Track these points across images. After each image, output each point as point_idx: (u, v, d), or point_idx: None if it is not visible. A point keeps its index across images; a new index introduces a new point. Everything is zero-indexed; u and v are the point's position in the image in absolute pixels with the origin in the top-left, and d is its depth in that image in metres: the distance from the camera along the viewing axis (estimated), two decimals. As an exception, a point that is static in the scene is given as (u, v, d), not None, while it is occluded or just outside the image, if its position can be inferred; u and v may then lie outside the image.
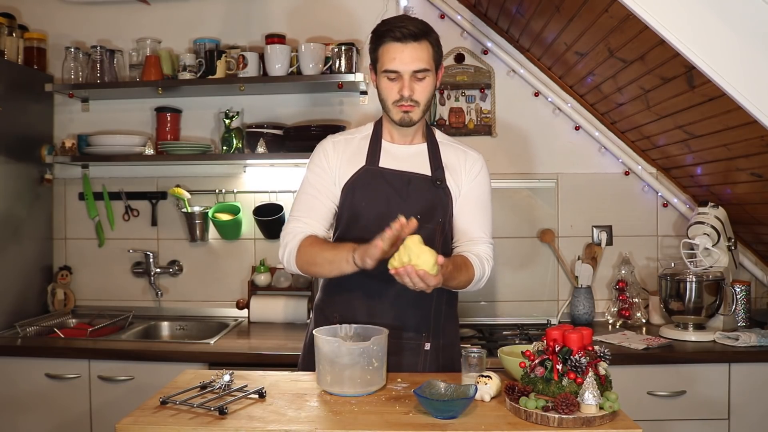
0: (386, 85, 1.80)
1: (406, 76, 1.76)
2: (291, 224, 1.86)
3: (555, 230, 3.00)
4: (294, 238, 1.82)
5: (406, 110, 1.79)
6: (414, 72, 1.76)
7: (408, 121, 1.81)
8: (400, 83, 1.77)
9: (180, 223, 3.08)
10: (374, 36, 1.81)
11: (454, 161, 1.90)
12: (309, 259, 1.78)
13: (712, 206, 2.66)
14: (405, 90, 1.76)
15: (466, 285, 1.81)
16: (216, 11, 3.05)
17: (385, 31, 1.77)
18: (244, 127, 2.97)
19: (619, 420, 1.37)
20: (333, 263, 1.72)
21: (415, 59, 1.75)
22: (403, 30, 1.74)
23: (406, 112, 1.80)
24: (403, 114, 1.80)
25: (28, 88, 2.89)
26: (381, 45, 1.78)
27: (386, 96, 1.81)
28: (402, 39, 1.74)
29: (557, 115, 3.00)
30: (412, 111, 1.80)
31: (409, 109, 1.79)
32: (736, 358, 2.35)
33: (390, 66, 1.76)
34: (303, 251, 1.79)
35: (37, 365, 2.47)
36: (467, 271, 1.78)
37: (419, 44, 1.75)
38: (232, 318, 2.99)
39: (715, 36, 1.65)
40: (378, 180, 1.84)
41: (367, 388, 1.55)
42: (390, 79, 1.78)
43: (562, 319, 2.96)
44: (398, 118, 1.82)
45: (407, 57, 1.75)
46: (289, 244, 1.82)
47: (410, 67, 1.75)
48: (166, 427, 1.36)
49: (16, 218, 2.82)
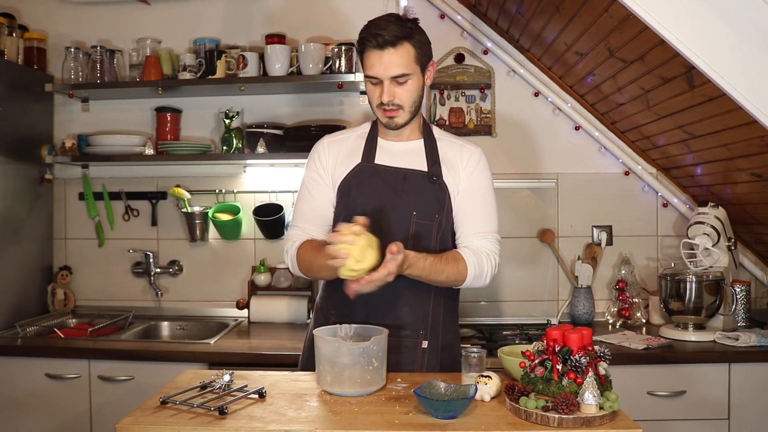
0: (370, 90, 1.83)
1: (385, 81, 1.78)
2: (290, 231, 1.91)
3: (555, 230, 3.00)
4: (292, 246, 1.86)
5: (390, 115, 1.81)
6: (393, 78, 1.77)
7: (393, 125, 1.84)
8: (380, 89, 1.79)
9: (180, 223, 3.08)
10: (358, 42, 1.83)
11: (451, 156, 1.89)
12: (308, 267, 1.83)
13: (712, 206, 2.66)
14: (384, 96, 1.78)
15: (458, 281, 1.80)
16: (216, 11, 3.05)
17: (363, 38, 1.79)
18: (244, 127, 2.97)
19: (619, 420, 1.37)
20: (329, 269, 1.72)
21: (393, 65, 1.76)
22: (378, 38, 1.74)
23: (390, 118, 1.82)
24: (388, 119, 1.83)
25: (28, 88, 2.89)
26: (363, 51, 1.80)
27: (370, 99, 1.85)
28: (379, 47, 1.75)
29: (557, 115, 3.00)
30: (396, 115, 1.81)
31: (393, 114, 1.81)
32: (736, 358, 2.35)
33: (369, 72, 1.79)
34: (301, 258, 1.83)
35: (37, 365, 2.47)
36: (456, 266, 1.77)
37: (397, 50, 1.75)
38: (232, 318, 2.98)
39: (715, 36, 1.65)
40: (373, 177, 1.84)
41: (367, 388, 1.55)
42: (372, 84, 1.81)
43: (562, 319, 2.96)
44: (384, 122, 1.85)
45: (385, 63, 1.76)
46: (290, 251, 1.87)
47: (388, 73, 1.76)
48: (166, 427, 1.36)
49: (16, 218, 2.82)
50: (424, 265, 1.70)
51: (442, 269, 1.74)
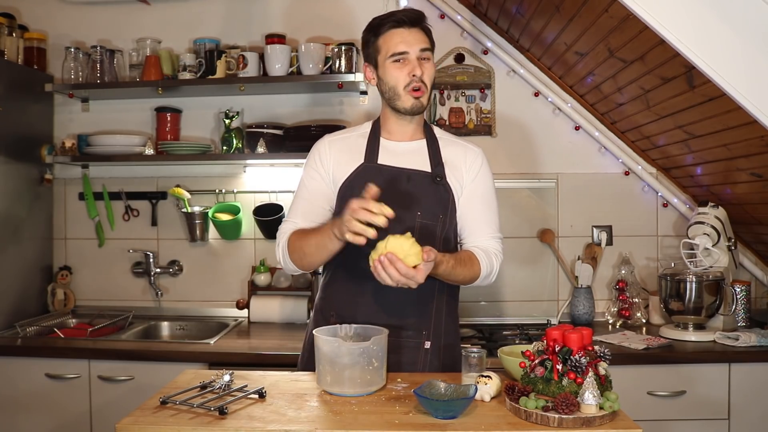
0: (394, 71, 1.81)
1: (413, 56, 1.79)
2: (283, 226, 1.89)
3: (555, 230, 3.00)
4: (284, 236, 1.84)
5: (418, 95, 1.80)
6: (421, 51, 1.80)
7: (419, 106, 1.83)
8: (410, 66, 1.79)
9: (180, 223, 3.08)
10: (370, 29, 1.84)
11: (454, 157, 1.89)
12: (299, 252, 1.79)
13: (712, 206, 2.66)
14: (417, 69, 1.79)
15: (471, 280, 1.81)
16: (216, 11, 3.05)
17: (383, 19, 1.81)
18: (244, 127, 2.97)
19: (619, 420, 1.37)
20: (319, 246, 1.72)
21: (419, 40, 1.80)
22: (404, 16, 1.79)
23: (417, 98, 1.81)
24: (415, 100, 1.81)
25: (28, 88, 2.89)
26: (381, 34, 1.81)
27: (396, 82, 1.81)
28: (403, 23, 1.79)
29: (557, 115, 3.00)
30: (422, 95, 1.81)
31: (420, 93, 1.81)
32: (736, 358, 2.35)
33: (397, 49, 1.79)
34: (292, 246, 1.80)
35: (37, 365, 2.47)
36: (472, 266, 1.78)
37: (420, 28, 1.82)
38: (232, 318, 2.99)
39: (715, 36, 1.65)
40: (377, 177, 1.83)
41: (367, 388, 1.55)
42: (399, 62, 1.80)
43: (562, 319, 2.96)
44: (410, 105, 1.82)
45: (412, 38, 1.79)
46: (281, 242, 1.84)
47: (418, 45, 1.79)
48: (166, 427, 1.36)
49: (16, 218, 2.82)
50: (446, 268, 1.69)
51: (460, 271, 1.74)
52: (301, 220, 1.86)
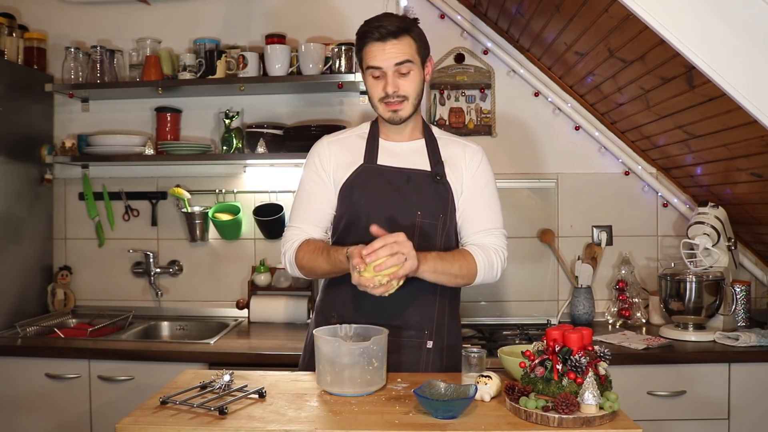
0: (372, 84, 1.81)
1: (389, 72, 1.77)
2: (287, 232, 1.89)
3: (555, 230, 3.00)
4: (291, 247, 1.85)
5: (394, 108, 1.80)
6: (396, 65, 1.76)
7: (397, 119, 1.82)
8: (383, 81, 1.78)
9: (180, 223, 3.08)
10: (357, 37, 1.82)
11: (454, 155, 1.89)
12: (309, 271, 1.84)
13: (712, 206, 2.66)
14: (389, 87, 1.77)
15: (470, 278, 1.80)
16: (216, 11, 3.05)
17: (364, 32, 1.78)
18: (244, 127, 2.97)
19: (619, 420, 1.37)
20: (332, 272, 1.78)
21: (396, 53, 1.76)
22: (381, 30, 1.75)
23: (394, 111, 1.80)
24: (391, 113, 1.81)
25: (28, 88, 2.89)
26: (363, 46, 1.79)
27: (372, 94, 1.82)
28: (381, 39, 1.75)
29: (557, 115, 3.00)
30: (400, 108, 1.80)
31: (397, 107, 1.79)
32: (736, 358, 2.35)
33: (372, 63, 1.77)
34: (301, 262, 1.83)
35: (37, 365, 2.47)
36: (466, 262, 1.77)
37: (399, 41, 1.76)
38: (232, 318, 2.98)
39: (715, 36, 1.65)
40: (377, 178, 1.83)
41: (367, 388, 1.55)
42: (374, 77, 1.79)
43: (562, 319, 2.96)
44: (387, 117, 1.82)
45: (387, 53, 1.75)
46: (287, 252, 1.86)
47: (392, 61, 1.75)
48: (166, 427, 1.36)
49: (16, 218, 2.82)
50: (435, 263, 1.70)
51: (451, 263, 1.74)
52: (305, 225, 1.87)
